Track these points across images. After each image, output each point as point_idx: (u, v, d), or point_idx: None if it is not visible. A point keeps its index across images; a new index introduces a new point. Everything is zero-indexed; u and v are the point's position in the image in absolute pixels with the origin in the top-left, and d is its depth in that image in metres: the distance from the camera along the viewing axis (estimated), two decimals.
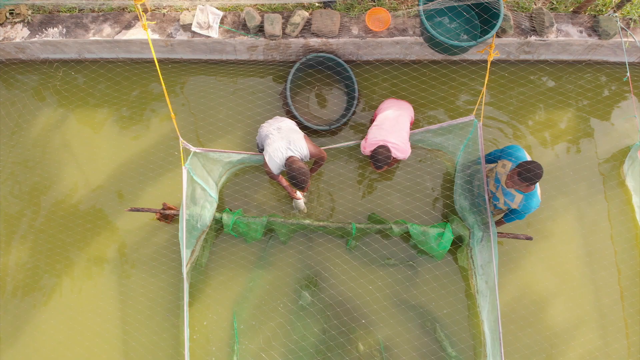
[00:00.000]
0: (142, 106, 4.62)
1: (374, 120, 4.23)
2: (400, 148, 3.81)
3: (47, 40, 4.40)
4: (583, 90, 4.76)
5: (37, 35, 4.38)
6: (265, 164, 3.66)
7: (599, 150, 4.68)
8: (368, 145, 3.84)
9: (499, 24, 3.83)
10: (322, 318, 4.15)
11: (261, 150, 4.04)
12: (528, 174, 3.40)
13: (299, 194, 4.13)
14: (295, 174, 3.44)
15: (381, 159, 3.68)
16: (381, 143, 3.77)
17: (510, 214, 3.87)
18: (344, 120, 4.44)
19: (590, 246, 4.43)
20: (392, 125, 3.85)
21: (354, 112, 4.55)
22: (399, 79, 4.61)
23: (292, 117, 4.30)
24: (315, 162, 4.03)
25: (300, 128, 3.90)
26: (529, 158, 3.67)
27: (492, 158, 3.95)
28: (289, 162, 3.52)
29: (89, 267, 4.33)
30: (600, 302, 4.31)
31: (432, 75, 4.64)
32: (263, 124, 3.93)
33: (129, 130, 4.58)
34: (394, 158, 3.85)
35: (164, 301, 4.23)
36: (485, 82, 3.66)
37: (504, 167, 3.73)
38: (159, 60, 4.56)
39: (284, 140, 3.60)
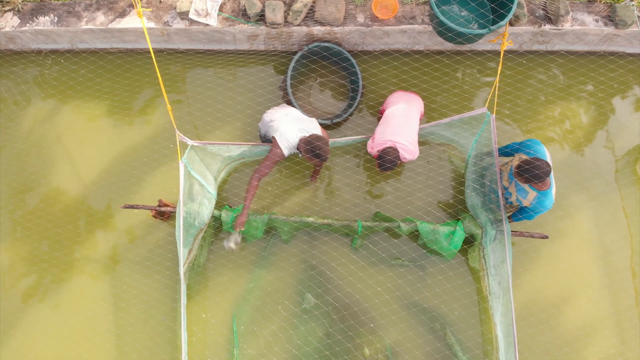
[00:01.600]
0: (137, 98, 4.44)
1: (381, 113, 4.03)
2: (409, 149, 3.63)
3: (38, 30, 4.21)
4: (598, 82, 4.57)
5: (27, 24, 4.20)
6: (275, 147, 3.42)
7: (614, 146, 4.51)
8: (375, 145, 3.67)
9: (512, 10, 3.63)
10: (326, 321, 3.96)
11: (264, 139, 3.86)
12: (526, 173, 3.26)
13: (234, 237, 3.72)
14: (319, 144, 3.31)
15: (389, 160, 3.50)
16: (389, 144, 3.58)
17: (519, 213, 3.70)
18: (347, 114, 4.26)
19: (606, 247, 4.27)
20: (401, 124, 3.67)
21: (358, 106, 4.36)
22: (407, 69, 4.41)
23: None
24: None
25: None
26: (548, 155, 3.48)
27: (509, 151, 3.75)
28: (308, 137, 3.40)
29: (81, 267, 4.14)
30: (618, 305, 4.13)
31: (441, 65, 4.45)
32: (268, 111, 3.77)
33: (123, 124, 4.40)
34: (401, 159, 3.66)
35: (159, 304, 4.04)
36: (498, 72, 3.49)
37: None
38: (155, 51, 4.40)
39: (297, 123, 3.48)
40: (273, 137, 3.47)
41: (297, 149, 3.49)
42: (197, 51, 4.48)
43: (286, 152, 3.46)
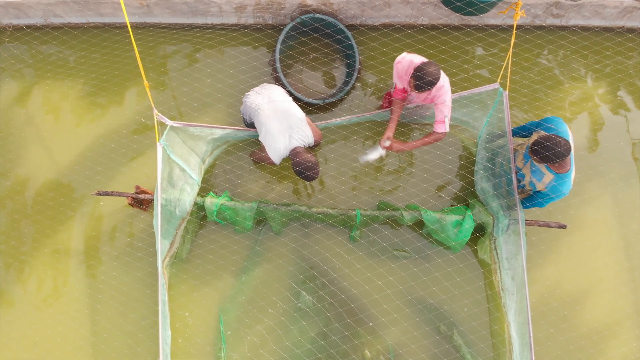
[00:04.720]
0: (115, 78, 4.09)
1: (383, 105, 3.74)
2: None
3: (8, 2, 3.90)
4: (615, 61, 4.26)
5: None
6: (265, 156, 3.29)
7: (633, 129, 4.19)
8: (402, 59, 3.15)
9: None
10: (321, 320, 3.58)
11: (248, 124, 3.52)
12: (544, 151, 2.90)
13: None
14: (303, 169, 3.08)
15: (430, 72, 2.88)
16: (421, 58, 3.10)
17: (530, 199, 3.36)
18: (342, 93, 3.93)
19: (627, 238, 3.93)
20: None
21: (354, 86, 4.04)
22: (409, 42, 4.07)
23: (282, 87, 3.74)
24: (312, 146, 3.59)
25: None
26: (570, 134, 3.13)
27: (526, 127, 3.40)
28: (295, 153, 3.18)
29: (51, 261, 3.79)
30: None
31: (448, 40, 4.12)
32: (248, 93, 3.44)
33: (100, 104, 4.05)
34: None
35: (136, 302, 3.67)
36: (511, 45, 3.18)
37: None
38: (135, 25, 4.10)
39: (286, 128, 3.20)
40: (263, 147, 3.26)
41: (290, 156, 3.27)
42: (180, 26, 4.14)
43: (278, 161, 3.30)
